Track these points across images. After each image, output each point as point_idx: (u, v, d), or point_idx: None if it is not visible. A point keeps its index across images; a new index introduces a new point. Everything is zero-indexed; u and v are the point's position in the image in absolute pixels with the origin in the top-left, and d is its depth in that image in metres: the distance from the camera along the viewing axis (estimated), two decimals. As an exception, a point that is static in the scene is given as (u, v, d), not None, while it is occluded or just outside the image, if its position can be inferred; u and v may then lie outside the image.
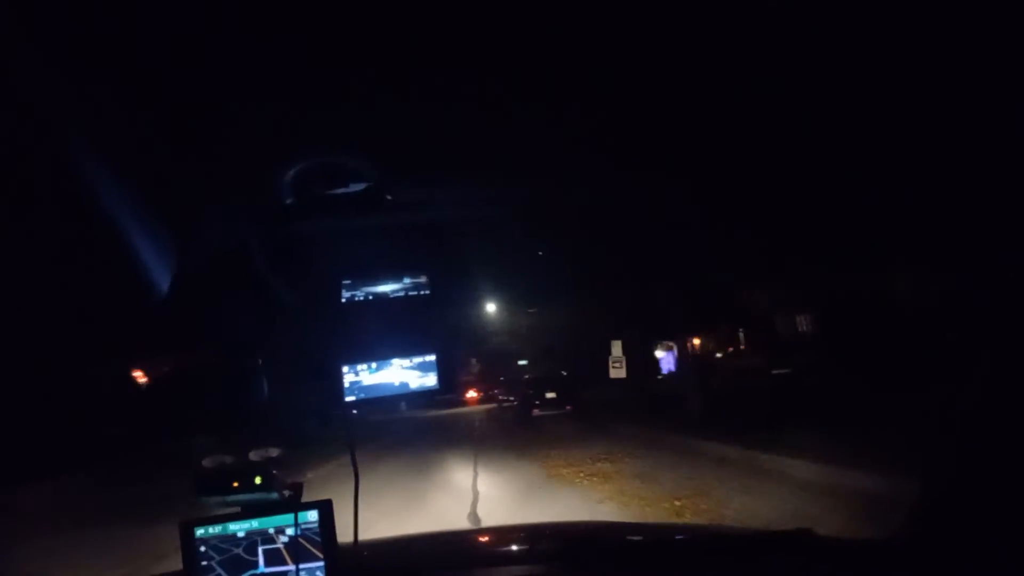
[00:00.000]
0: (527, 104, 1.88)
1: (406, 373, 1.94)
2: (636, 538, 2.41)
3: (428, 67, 1.70)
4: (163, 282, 1.73)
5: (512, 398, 31.02)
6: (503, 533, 2.71)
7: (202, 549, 1.70)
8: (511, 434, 18.06)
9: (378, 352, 1.93)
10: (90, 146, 1.50)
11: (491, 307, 23.73)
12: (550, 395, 24.36)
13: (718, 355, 27.94)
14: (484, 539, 2.55)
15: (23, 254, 1.60)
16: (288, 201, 1.90)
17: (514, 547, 2.18)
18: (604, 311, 20.61)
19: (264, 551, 1.71)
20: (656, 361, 25.62)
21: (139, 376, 1.94)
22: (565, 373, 26.45)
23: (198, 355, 1.82)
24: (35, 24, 1.31)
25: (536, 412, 23.75)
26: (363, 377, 1.91)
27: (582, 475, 9.42)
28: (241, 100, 1.72)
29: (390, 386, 1.92)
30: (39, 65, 1.34)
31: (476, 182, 2.16)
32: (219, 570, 1.69)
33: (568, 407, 23.59)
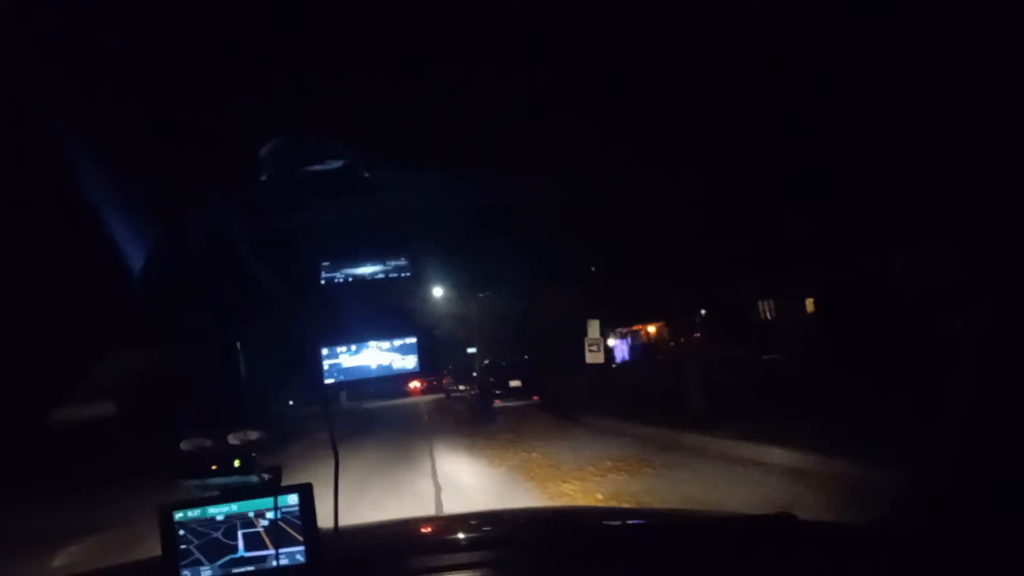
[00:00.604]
0: (503, 93, 1.87)
1: (386, 355, 1.93)
2: (615, 523, 2.43)
3: (408, 52, 1.68)
4: (139, 264, 1.70)
5: (463, 387, 28.43)
6: (484, 518, 2.72)
7: (181, 533, 1.68)
8: (472, 432, 15.76)
9: (358, 334, 1.91)
10: (71, 137, 1.47)
11: (437, 292, 22.21)
12: (514, 383, 21.80)
13: (672, 343, 26.24)
14: (464, 524, 2.55)
15: (10, 248, 1.57)
16: (265, 178, 1.87)
17: (494, 532, 2.19)
18: (562, 297, 19.78)
19: (244, 535, 1.70)
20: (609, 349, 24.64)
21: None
22: (527, 358, 24.25)
23: (177, 342, 1.79)
24: (22, 16, 1.28)
25: (498, 403, 21.32)
26: (343, 359, 1.90)
27: (601, 499, 7.13)
28: (218, 81, 1.69)
29: (368, 368, 1.90)
30: (24, 56, 1.31)
31: (447, 167, 2.15)
32: (198, 554, 1.68)
33: (534, 397, 21.40)
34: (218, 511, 1.70)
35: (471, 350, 30.94)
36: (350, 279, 2.06)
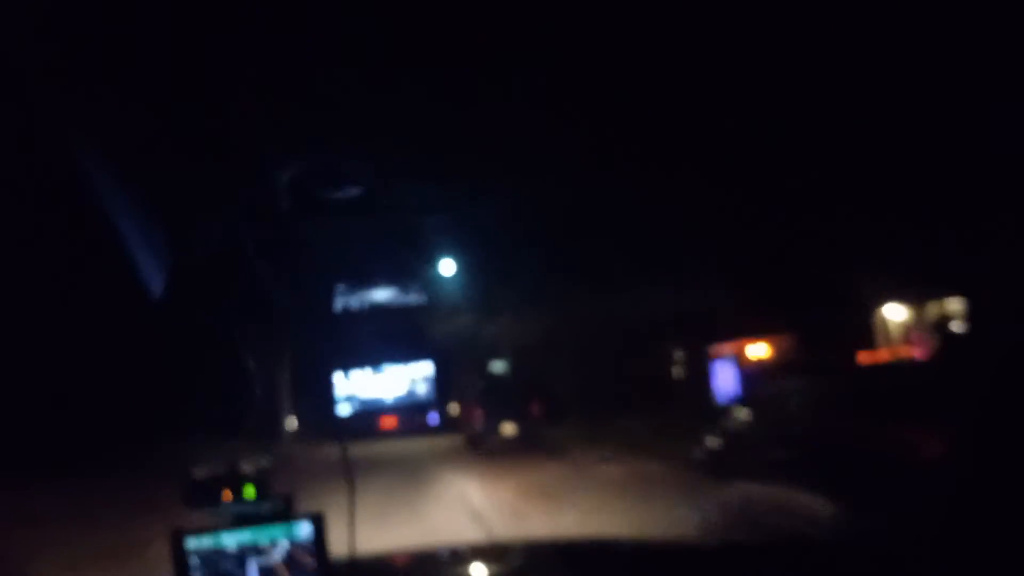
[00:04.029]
0: (520, 106, 1.86)
1: (402, 384, 1.91)
2: (635, 552, 2.38)
3: (424, 70, 1.68)
4: (158, 282, 1.70)
5: (508, 429, 16.82)
6: (502, 548, 2.67)
7: (193, 560, 1.66)
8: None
9: (373, 361, 1.90)
10: (88, 147, 1.47)
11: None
12: (508, 428, 15.64)
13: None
14: (483, 552, 2.51)
15: (19, 252, 1.58)
16: (285, 205, 1.88)
17: (513, 561, 2.15)
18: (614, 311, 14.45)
19: (257, 564, 1.67)
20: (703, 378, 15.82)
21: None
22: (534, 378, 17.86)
23: (194, 355, 1.78)
24: (36, 24, 1.29)
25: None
26: (358, 390, 1.88)
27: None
28: (239, 102, 1.70)
29: (384, 401, 1.89)
30: (39, 65, 1.32)
31: (468, 184, 2.14)
32: None
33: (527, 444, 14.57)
34: (231, 538, 1.67)
35: (496, 365, 22.76)
36: (366, 305, 2.05)
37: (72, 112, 1.45)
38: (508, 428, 15.80)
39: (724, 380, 15.66)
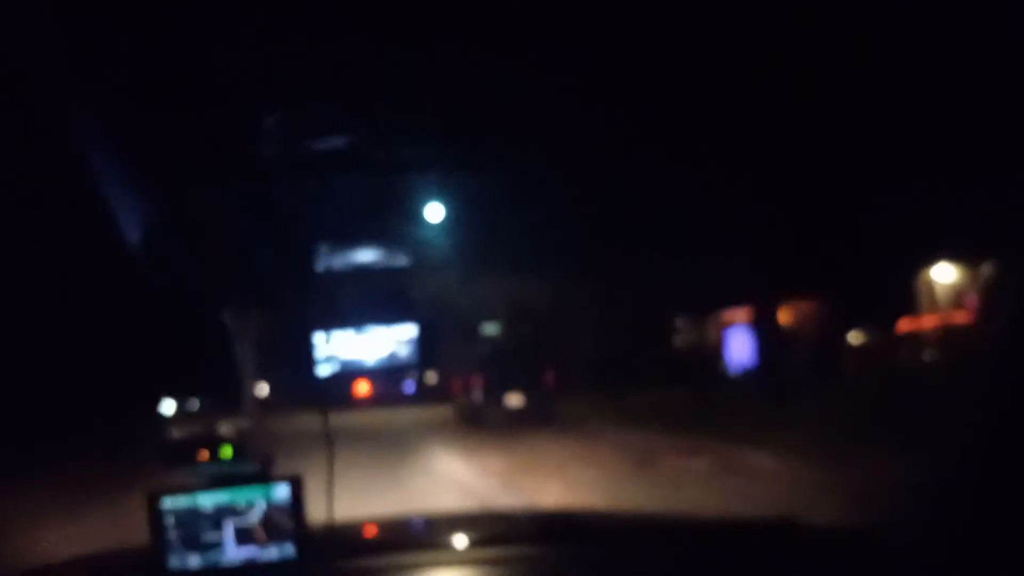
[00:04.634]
0: (518, 64, 1.79)
1: (385, 345, 1.88)
2: (615, 525, 2.39)
3: (411, 22, 1.61)
4: (138, 238, 1.66)
5: (515, 398, 14.56)
6: (478, 516, 2.68)
7: (169, 520, 1.64)
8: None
9: (355, 323, 1.87)
10: (70, 105, 1.42)
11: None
12: (514, 399, 13.23)
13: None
14: (461, 520, 2.51)
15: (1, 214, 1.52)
16: (267, 154, 1.82)
17: (491, 529, 2.15)
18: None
19: (233, 526, 1.66)
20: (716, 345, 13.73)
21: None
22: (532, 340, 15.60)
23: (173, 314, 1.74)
24: None
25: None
26: (339, 350, 1.85)
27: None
28: (221, 52, 1.63)
29: (365, 362, 1.86)
30: (19, 24, 1.25)
31: (462, 142, 2.07)
32: (186, 543, 1.63)
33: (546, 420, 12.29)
34: (207, 499, 1.66)
35: (490, 328, 20.69)
36: (348, 264, 2.01)
37: (54, 71, 1.39)
38: (514, 398, 13.23)
39: (739, 349, 13.84)
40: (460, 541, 1.96)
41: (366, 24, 1.49)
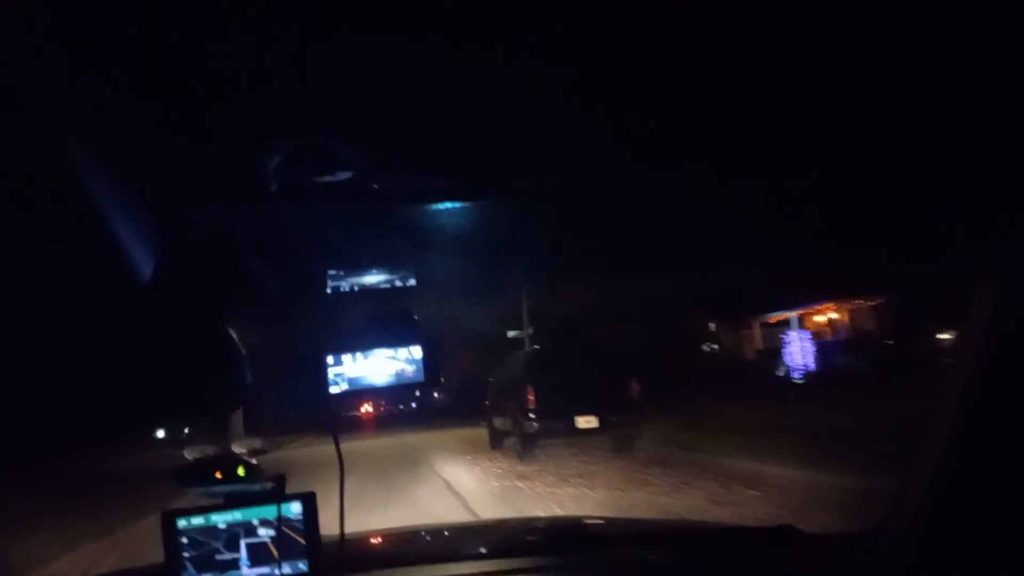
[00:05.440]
0: (524, 90, 1.82)
1: (392, 365, 1.92)
2: (615, 533, 2.41)
3: (419, 50, 1.66)
4: (145, 267, 1.70)
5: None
6: (491, 526, 2.71)
7: (184, 540, 1.68)
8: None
9: (363, 343, 1.91)
10: (72, 128, 1.47)
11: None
12: (586, 421, 10.12)
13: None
14: (472, 532, 2.54)
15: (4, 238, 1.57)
16: (274, 188, 1.87)
17: (501, 541, 2.18)
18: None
19: (247, 544, 1.69)
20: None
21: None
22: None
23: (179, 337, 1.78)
24: (18, 3, 1.28)
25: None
26: (347, 369, 1.89)
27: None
28: (229, 82, 1.68)
29: (373, 380, 1.90)
30: (20, 45, 1.31)
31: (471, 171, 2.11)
32: (201, 562, 1.67)
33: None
34: (221, 519, 1.70)
35: (512, 334, 18.24)
36: (356, 288, 2.06)
37: (56, 95, 1.44)
38: (586, 420, 9.97)
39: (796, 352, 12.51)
40: (474, 553, 1.99)
41: (378, 52, 1.55)
